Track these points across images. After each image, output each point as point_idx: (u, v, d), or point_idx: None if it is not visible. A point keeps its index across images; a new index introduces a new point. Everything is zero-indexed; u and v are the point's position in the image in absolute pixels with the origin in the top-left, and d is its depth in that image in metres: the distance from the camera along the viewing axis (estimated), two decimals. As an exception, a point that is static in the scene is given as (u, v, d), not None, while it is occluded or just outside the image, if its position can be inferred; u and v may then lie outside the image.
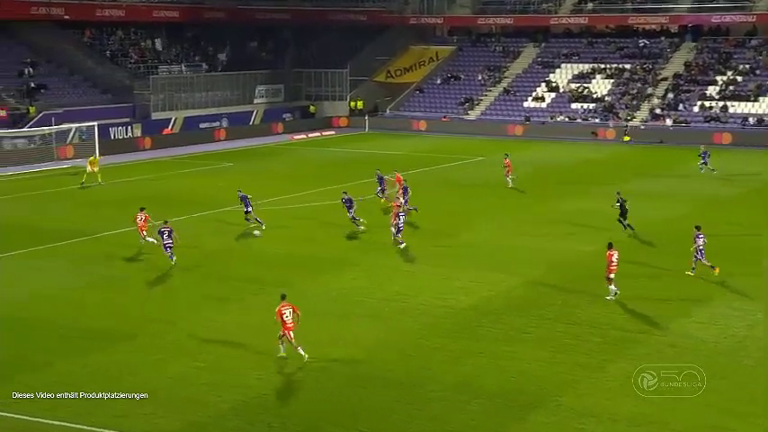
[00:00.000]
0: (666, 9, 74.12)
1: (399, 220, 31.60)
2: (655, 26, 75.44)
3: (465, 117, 71.17)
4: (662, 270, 28.74)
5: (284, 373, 20.54)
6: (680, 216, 36.17)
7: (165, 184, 45.85)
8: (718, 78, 67.88)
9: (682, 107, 66.08)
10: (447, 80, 75.94)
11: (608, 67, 71.82)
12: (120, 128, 59.37)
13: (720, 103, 65.31)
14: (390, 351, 21.93)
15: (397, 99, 74.54)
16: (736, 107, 64.84)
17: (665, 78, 69.71)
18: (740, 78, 67.37)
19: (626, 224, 33.21)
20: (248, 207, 34.28)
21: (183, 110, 64.85)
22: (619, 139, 63.33)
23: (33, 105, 56.48)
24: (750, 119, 63.68)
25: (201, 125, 65.07)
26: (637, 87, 69.53)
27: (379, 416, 18.53)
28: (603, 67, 71.96)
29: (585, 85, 70.78)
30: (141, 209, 31.97)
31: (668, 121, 65.20)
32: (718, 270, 27.62)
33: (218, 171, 50.12)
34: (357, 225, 33.98)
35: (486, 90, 73.55)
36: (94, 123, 52.54)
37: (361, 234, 33.41)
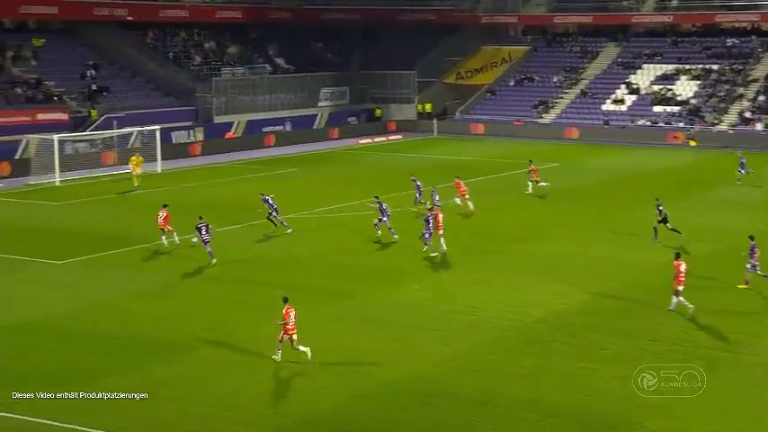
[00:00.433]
0: (757, 6, 72.55)
1: (430, 225, 31.70)
2: (745, 24, 73.94)
3: (539, 121, 70.65)
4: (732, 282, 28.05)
5: (349, 389, 20.57)
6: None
7: (225, 190, 46.45)
8: (813, 80, 66.44)
9: (774, 110, 64.79)
10: (520, 82, 75.55)
11: (693, 67, 70.62)
12: (182, 132, 60.57)
13: (816, 107, 63.83)
14: (458, 366, 21.88)
15: (468, 102, 74.40)
16: (834, 110, 63.32)
17: (755, 80, 68.22)
18: (838, 79, 65.80)
19: (671, 228, 33.28)
20: (273, 210, 34.96)
21: (246, 113, 65.83)
22: (707, 144, 61.93)
23: (95, 108, 57.90)
24: None
25: (264, 129, 65.90)
26: (725, 89, 68.20)
27: (452, 435, 18.40)
28: (688, 67, 70.78)
29: (669, 87, 69.66)
30: (164, 206, 33.14)
31: (759, 126, 63.75)
32: None
33: (280, 177, 50.63)
34: (392, 233, 33.84)
35: (562, 92, 72.97)
36: (156, 127, 53.62)
37: (425, 248, 32.82)
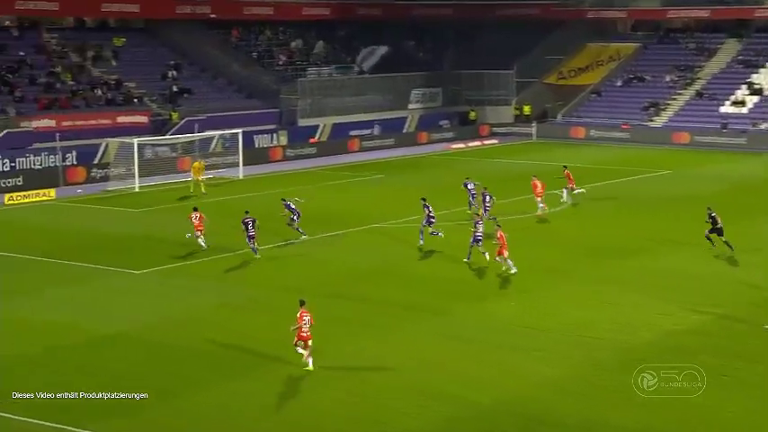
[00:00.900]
0: None
1: (478, 229, 31.70)
2: None
3: (649, 124, 69.26)
4: None
5: (443, 414, 20.21)
6: None
7: (311, 197, 46.53)
8: None
9: None
10: (629, 82, 74.23)
11: (823, 65, 68.54)
12: (265, 135, 61.07)
13: None
14: (561, 390, 21.45)
15: (570, 103, 73.39)
16: None
17: None
18: None
19: (724, 241, 32.56)
20: (296, 215, 35.40)
21: (332, 116, 65.93)
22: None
23: (176, 111, 58.82)
24: None
25: (351, 132, 65.83)
26: None
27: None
28: (817, 66, 68.69)
29: (795, 87, 67.72)
30: (194, 209, 34.66)
31: None
32: None
33: (367, 183, 50.54)
34: (436, 234, 34.36)
35: (676, 93, 71.40)
36: (239, 131, 54.08)
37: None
